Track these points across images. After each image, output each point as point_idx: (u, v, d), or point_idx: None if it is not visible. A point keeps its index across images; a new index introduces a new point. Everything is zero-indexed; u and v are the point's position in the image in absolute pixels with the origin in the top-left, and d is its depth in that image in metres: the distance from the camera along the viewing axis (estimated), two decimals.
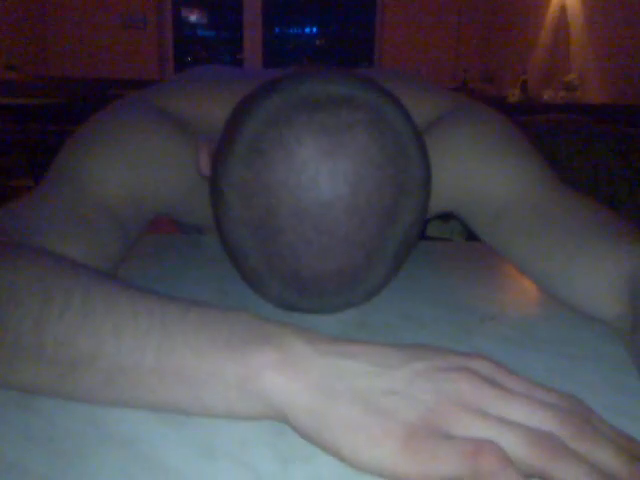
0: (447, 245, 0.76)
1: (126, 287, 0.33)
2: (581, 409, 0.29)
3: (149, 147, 0.52)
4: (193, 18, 5.65)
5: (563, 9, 3.97)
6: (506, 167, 0.55)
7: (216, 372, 0.30)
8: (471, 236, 0.98)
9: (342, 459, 0.28)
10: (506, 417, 0.28)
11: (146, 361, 0.30)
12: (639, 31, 3.17)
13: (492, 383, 0.29)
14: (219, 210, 0.42)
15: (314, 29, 5.98)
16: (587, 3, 3.74)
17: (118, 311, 0.31)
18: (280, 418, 0.30)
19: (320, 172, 0.37)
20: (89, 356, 0.30)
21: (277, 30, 5.69)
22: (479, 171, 0.55)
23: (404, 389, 0.29)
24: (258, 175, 0.38)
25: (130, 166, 0.50)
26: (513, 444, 0.26)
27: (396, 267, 0.43)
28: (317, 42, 6.04)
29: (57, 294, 0.31)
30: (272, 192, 0.38)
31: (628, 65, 3.28)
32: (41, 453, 0.29)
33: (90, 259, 0.42)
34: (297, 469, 0.28)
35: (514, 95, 3.86)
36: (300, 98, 0.39)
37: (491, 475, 0.25)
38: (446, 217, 0.97)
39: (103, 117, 0.54)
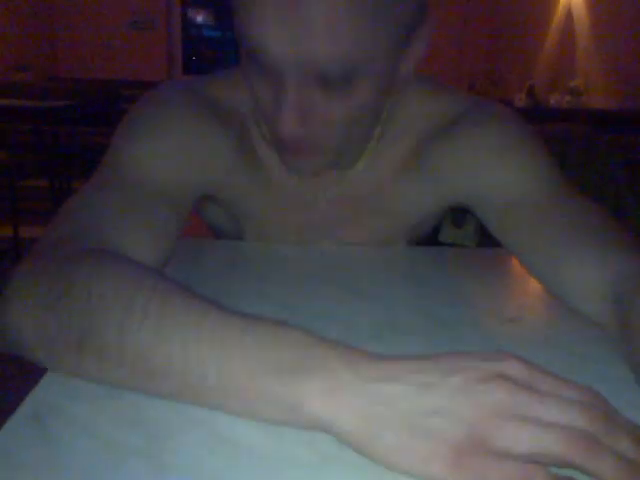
0: (461, 252, 0.81)
1: (196, 301, 0.37)
2: (600, 401, 0.33)
3: (190, 132, 0.57)
4: (199, 18, 5.70)
5: (569, 14, 4.01)
6: (518, 165, 0.59)
7: (269, 395, 0.33)
8: (482, 242, 1.03)
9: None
10: (542, 418, 0.30)
11: (208, 381, 0.34)
12: None
13: (525, 385, 0.32)
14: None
15: None
16: (593, 8, 3.78)
17: (186, 329, 0.35)
18: (331, 435, 0.33)
19: None
20: (162, 370, 0.35)
21: None
22: (492, 167, 0.60)
23: (446, 407, 0.31)
24: None
25: (176, 151, 0.56)
26: (553, 444, 0.29)
27: (377, 27, 0.43)
28: None
29: (137, 304, 0.36)
30: None
31: (633, 70, 3.33)
32: (133, 433, 0.34)
33: (153, 239, 0.47)
34: (353, 452, 0.32)
35: (521, 99, 3.90)
36: None
37: None
38: (458, 223, 1.02)
39: (144, 107, 0.58)
